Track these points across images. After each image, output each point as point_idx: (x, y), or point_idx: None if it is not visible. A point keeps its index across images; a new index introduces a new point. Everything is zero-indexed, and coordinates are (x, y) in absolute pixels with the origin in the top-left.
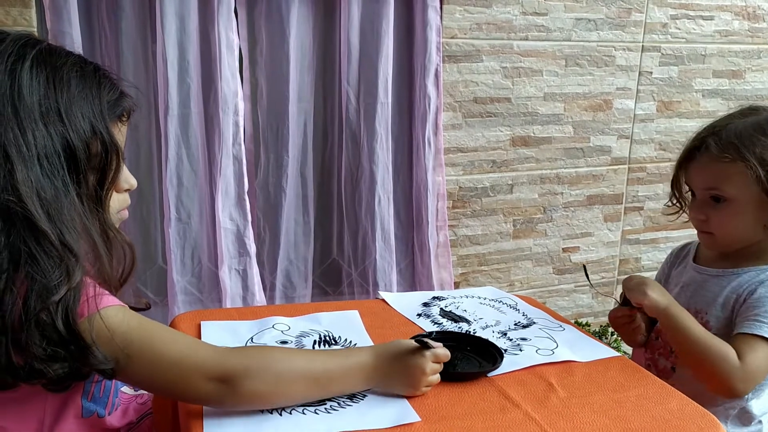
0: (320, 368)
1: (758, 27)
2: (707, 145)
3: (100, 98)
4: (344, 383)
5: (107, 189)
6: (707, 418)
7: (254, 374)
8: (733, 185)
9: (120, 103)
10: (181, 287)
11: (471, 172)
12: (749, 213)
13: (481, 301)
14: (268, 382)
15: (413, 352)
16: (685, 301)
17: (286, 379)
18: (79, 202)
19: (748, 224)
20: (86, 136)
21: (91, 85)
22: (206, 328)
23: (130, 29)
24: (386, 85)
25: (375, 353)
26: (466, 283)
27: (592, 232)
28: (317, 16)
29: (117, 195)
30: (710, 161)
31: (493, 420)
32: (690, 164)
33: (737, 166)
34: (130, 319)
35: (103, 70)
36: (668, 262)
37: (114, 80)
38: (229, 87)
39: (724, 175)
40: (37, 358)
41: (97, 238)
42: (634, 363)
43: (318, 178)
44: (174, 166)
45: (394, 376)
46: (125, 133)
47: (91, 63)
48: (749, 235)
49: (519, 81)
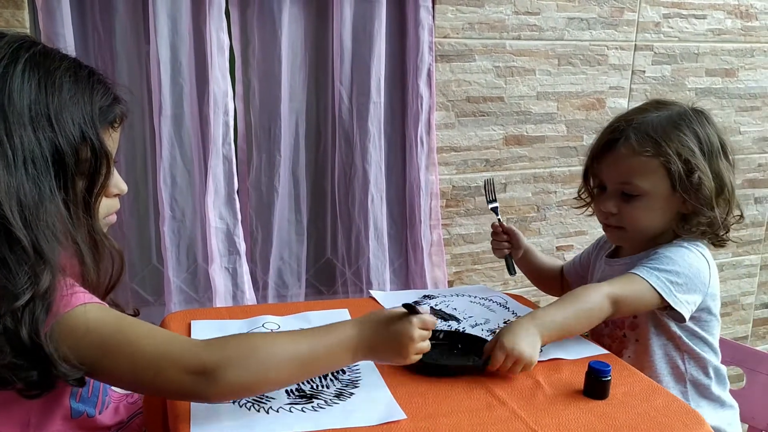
0: (305, 349)
1: (751, 26)
2: (627, 138)
3: (92, 104)
4: (331, 360)
5: (96, 195)
6: (692, 415)
7: (236, 363)
8: (648, 180)
9: (112, 109)
10: (176, 286)
11: (464, 171)
12: (658, 207)
13: (471, 299)
14: (251, 370)
15: (399, 318)
16: None
17: (271, 364)
18: (64, 208)
19: (659, 217)
20: (76, 142)
21: (84, 90)
22: (196, 327)
23: (123, 30)
24: (379, 85)
25: (359, 325)
26: (459, 282)
27: (586, 231)
28: (309, 16)
29: (107, 200)
30: (629, 155)
31: (479, 417)
32: (605, 156)
33: (654, 161)
34: (105, 316)
35: (98, 75)
36: (594, 250)
37: (108, 85)
38: (220, 87)
39: (641, 169)
40: (3, 366)
41: (82, 245)
42: (622, 360)
43: (311, 178)
44: (168, 166)
45: (381, 346)
46: (118, 138)
47: (86, 67)
48: (659, 228)
49: (512, 80)
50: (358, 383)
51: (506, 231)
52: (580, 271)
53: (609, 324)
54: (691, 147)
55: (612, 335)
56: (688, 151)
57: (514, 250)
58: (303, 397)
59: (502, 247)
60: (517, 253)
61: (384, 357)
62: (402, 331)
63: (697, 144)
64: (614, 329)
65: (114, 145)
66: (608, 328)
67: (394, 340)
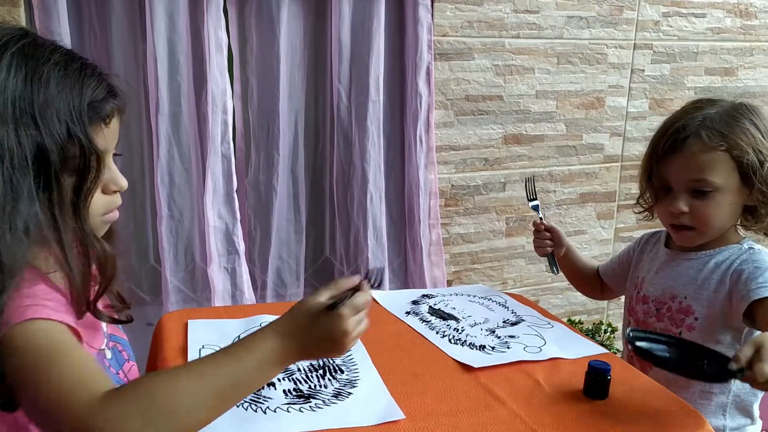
0: (220, 381)
1: (750, 24)
2: (696, 135)
3: (81, 98)
4: (255, 382)
5: (86, 194)
6: (693, 415)
7: (129, 421)
8: (720, 175)
9: (104, 104)
10: (174, 286)
11: (463, 170)
12: (730, 202)
13: (470, 298)
14: (154, 423)
15: (326, 313)
16: (660, 286)
17: (180, 409)
18: (47, 209)
19: (728, 213)
20: (61, 140)
21: (74, 84)
22: (193, 327)
23: (120, 28)
24: (377, 84)
25: (281, 334)
26: (458, 282)
27: (585, 230)
28: (308, 14)
29: (104, 197)
30: (700, 151)
31: (478, 417)
32: (672, 156)
33: (725, 155)
34: (42, 339)
35: (92, 68)
36: (637, 248)
37: (103, 78)
38: (218, 86)
39: (714, 164)
40: None
41: (67, 249)
42: (622, 360)
43: (309, 177)
44: (165, 164)
45: (312, 348)
46: (116, 132)
47: (79, 59)
48: (728, 224)
49: (511, 79)
50: (356, 383)
51: (548, 229)
52: (619, 271)
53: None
54: (759, 137)
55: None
56: (757, 142)
57: (556, 248)
58: (301, 396)
59: (544, 245)
60: (559, 252)
61: (318, 356)
62: (333, 327)
63: (759, 134)
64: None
65: (110, 140)
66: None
67: (326, 338)
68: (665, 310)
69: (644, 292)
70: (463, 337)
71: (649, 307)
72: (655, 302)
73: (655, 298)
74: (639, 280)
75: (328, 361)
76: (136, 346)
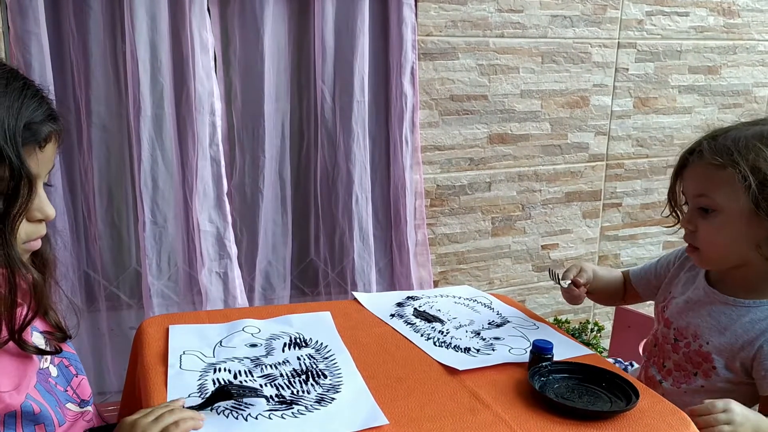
0: None
1: (733, 23)
2: (701, 149)
3: (18, 118)
4: None
5: (13, 219)
6: (678, 416)
7: None
8: (722, 193)
9: (42, 127)
10: (156, 290)
11: (449, 170)
12: (737, 228)
13: (456, 300)
14: None
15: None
16: (686, 319)
17: None
18: None
19: (735, 241)
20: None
21: (12, 102)
22: (174, 332)
23: (98, 28)
24: (362, 84)
25: None
26: (445, 282)
27: (571, 229)
28: (292, 15)
29: (28, 224)
30: (702, 166)
31: (462, 421)
32: (684, 170)
33: (727, 172)
34: None
35: (35, 89)
36: (677, 262)
37: (46, 101)
38: (204, 87)
39: (715, 181)
40: None
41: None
42: (607, 360)
43: (294, 179)
44: (148, 168)
45: None
46: (47, 160)
47: (21, 79)
48: (736, 253)
49: (495, 78)
50: (339, 388)
51: (578, 285)
52: (654, 282)
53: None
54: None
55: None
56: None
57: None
58: (283, 403)
59: (579, 299)
60: (590, 288)
61: None
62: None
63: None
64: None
65: (42, 166)
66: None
67: None
68: (683, 345)
69: (668, 314)
70: (448, 339)
71: (669, 332)
72: (676, 332)
73: (677, 328)
74: (669, 296)
75: (311, 365)
76: (118, 351)
